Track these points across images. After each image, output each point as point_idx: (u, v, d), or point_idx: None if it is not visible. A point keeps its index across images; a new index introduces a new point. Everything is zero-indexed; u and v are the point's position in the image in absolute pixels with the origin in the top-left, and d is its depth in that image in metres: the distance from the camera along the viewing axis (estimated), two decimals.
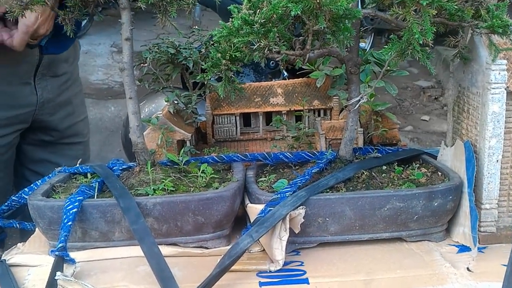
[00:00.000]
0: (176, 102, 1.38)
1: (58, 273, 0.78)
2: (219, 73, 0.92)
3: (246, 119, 1.50)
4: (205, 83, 1.35)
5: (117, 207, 0.90)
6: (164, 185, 0.96)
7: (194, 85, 1.44)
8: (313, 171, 0.98)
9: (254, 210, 0.92)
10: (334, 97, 1.44)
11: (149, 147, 1.21)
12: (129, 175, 1.03)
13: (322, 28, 0.81)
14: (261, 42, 0.81)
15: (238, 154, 1.11)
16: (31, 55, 1.41)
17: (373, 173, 1.00)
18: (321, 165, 1.00)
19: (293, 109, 1.45)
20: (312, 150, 1.23)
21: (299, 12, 0.78)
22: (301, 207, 0.89)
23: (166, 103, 1.41)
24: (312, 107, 1.45)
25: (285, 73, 2.58)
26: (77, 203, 0.89)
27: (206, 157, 1.11)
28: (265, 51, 0.82)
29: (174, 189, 0.96)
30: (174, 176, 1.01)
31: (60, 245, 0.84)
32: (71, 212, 0.88)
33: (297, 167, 1.09)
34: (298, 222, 0.88)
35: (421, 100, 5.36)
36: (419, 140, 5.18)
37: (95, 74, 5.57)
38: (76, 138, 1.66)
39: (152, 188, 0.95)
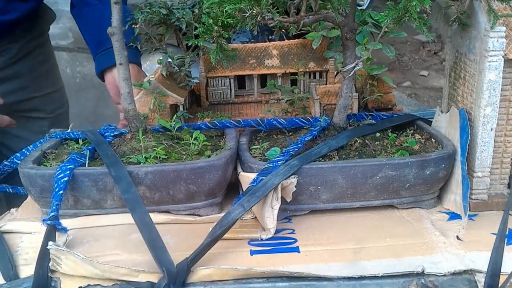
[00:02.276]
0: (169, 64, 1.35)
1: (50, 242, 0.78)
2: (211, 39, 0.90)
3: (241, 81, 1.47)
4: (199, 45, 1.32)
5: (109, 176, 0.90)
6: (156, 153, 0.95)
7: (188, 46, 1.41)
8: (306, 139, 0.97)
9: (246, 179, 0.92)
10: (330, 59, 1.42)
11: (141, 111, 1.20)
12: (120, 142, 1.02)
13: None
14: (254, 10, 0.78)
15: (231, 120, 1.09)
16: None
17: (366, 141, 1.00)
18: (314, 132, 0.99)
19: (288, 71, 1.43)
20: (306, 115, 1.22)
21: None
22: (293, 176, 0.88)
23: (159, 64, 1.38)
24: (307, 70, 1.43)
25: (283, 30, 2.52)
26: (68, 172, 0.89)
27: (199, 123, 1.10)
28: (258, 18, 0.80)
29: (166, 157, 0.96)
30: (166, 144, 1.00)
31: (52, 214, 0.84)
32: (62, 181, 0.88)
33: (290, 133, 1.08)
34: (290, 191, 0.88)
35: (420, 54, 5.29)
36: (417, 96, 5.16)
37: None
38: (36, 113, 1.57)
39: (143, 156, 0.95)
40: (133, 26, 1.34)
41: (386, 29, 1.21)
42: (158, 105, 1.22)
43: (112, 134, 1.05)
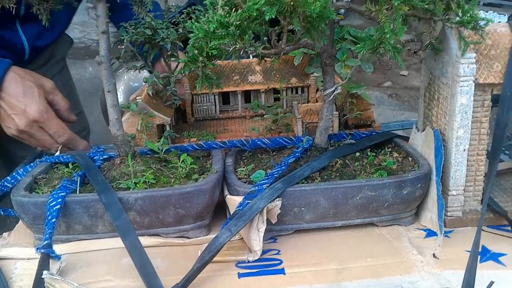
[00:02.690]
0: (155, 82, 1.38)
1: (45, 272, 0.81)
2: (196, 69, 0.94)
3: (225, 96, 1.51)
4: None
5: (100, 202, 0.93)
6: (145, 178, 0.98)
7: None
8: (289, 161, 1.01)
9: (233, 201, 0.95)
10: (311, 75, 1.46)
11: (128, 132, 1.23)
12: (110, 166, 1.05)
13: (297, 30, 0.82)
14: (237, 44, 0.82)
15: (217, 142, 1.13)
16: None
17: (346, 161, 1.04)
18: (297, 154, 1.03)
19: (271, 87, 1.47)
20: (289, 133, 1.26)
21: (273, 16, 0.79)
22: (277, 199, 0.92)
23: (144, 83, 1.41)
24: (289, 85, 1.47)
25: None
26: (60, 200, 0.92)
27: (185, 145, 1.14)
28: (241, 52, 0.84)
29: (155, 181, 0.99)
30: (155, 167, 1.04)
31: (45, 242, 0.87)
32: (54, 209, 0.90)
33: (274, 153, 1.12)
34: (275, 214, 0.92)
35: (400, 54, 5.37)
36: (398, 96, 5.24)
37: (71, 32, 5.42)
38: None
39: (133, 181, 0.98)
40: (118, 46, 1.37)
41: None
42: (145, 126, 1.25)
43: (101, 158, 1.08)
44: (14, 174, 1.12)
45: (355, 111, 1.24)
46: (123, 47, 1.35)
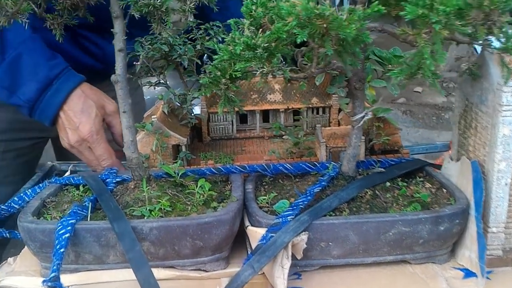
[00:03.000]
0: (170, 100, 1.33)
1: None
2: (218, 91, 0.88)
3: (243, 115, 1.45)
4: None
5: (112, 231, 0.86)
6: (161, 205, 0.92)
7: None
8: (315, 190, 0.94)
9: (254, 233, 0.89)
10: (333, 95, 1.40)
11: (143, 152, 1.17)
12: (123, 190, 0.99)
13: (330, 54, 0.76)
14: (264, 68, 0.76)
15: (236, 166, 1.07)
16: None
17: (376, 192, 0.97)
18: (323, 183, 0.97)
19: (291, 107, 1.41)
20: (311, 157, 1.19)
21: (305, 39, 0.72)
22: (303, 232, 0.86)
23: (160, 100, 1.36)
24: (310, 105, 1.41)
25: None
26: (69, 227, 0.86)
27: (203, 168, 1.07)
28: (269, 76, 0.78)
29: (171, 209, 0.93)
30: (171, 193, 0.97)
31: (53, 274, 0.81)
32: (63, 237, 0.84)
33: (297, 180, 1.06)
34: (300, 249, 0.86)
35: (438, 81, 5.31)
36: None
37: None
38: None
39: (148, 209, 0.91)
40: (134, 63, 1.31)
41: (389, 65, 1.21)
42: (161, 146, 1.19)
43: (114, 181, 1.02)
44: (21, 194, 1.07)
45: (382, 136, 1.18)
46: (138, 63, 1.30)
